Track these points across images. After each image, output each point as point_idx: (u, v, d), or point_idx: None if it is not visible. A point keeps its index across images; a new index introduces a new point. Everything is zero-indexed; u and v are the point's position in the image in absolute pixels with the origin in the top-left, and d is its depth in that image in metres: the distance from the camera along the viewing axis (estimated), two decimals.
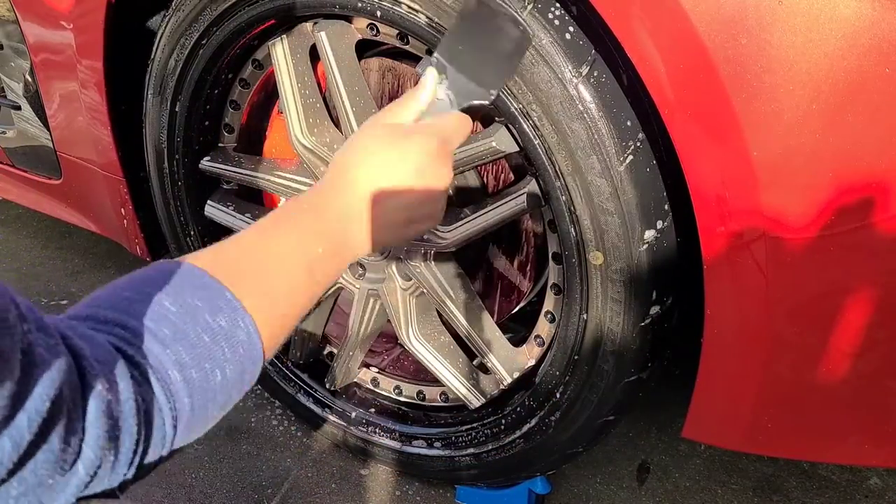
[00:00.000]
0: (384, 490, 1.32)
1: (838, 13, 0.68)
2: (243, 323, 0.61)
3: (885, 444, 0.89)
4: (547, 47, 0.83)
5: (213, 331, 0.59)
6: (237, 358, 0.60)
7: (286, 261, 0.69)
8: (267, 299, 0.65)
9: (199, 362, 0.58)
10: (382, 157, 0.77)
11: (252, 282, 0.65)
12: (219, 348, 0.59)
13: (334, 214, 0.75)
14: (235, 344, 0.60)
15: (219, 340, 0.59)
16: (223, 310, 0.60)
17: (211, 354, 0.58)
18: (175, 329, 0.57)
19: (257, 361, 0.63)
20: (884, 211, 0.73)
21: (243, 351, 0.61)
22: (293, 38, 1.06)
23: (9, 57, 1.39)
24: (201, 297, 0.60)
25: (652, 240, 0.88)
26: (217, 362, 0.59)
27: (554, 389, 1.05)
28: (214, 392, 0.59)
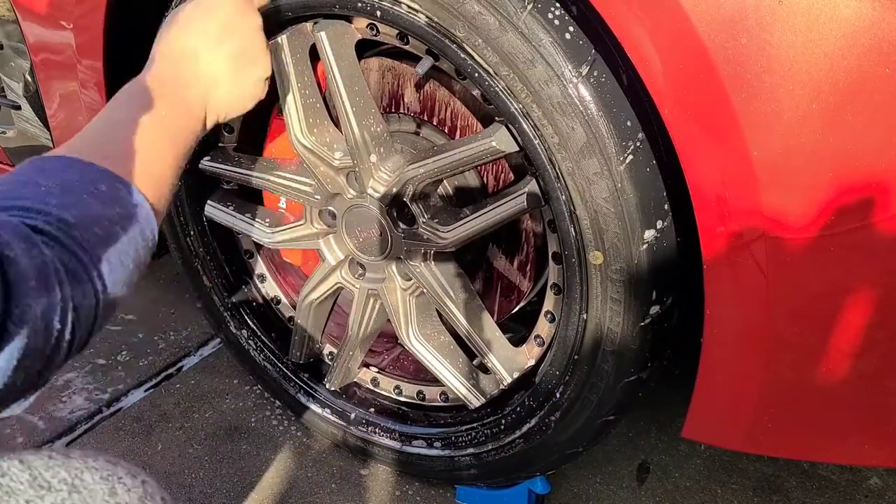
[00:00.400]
0: (384, 490, 1.32)
1: (838, 13, 0.68)
2: (122, 186, 0.70)
3: (885, 444, 0.89)
4: (547, 47, 0.83)
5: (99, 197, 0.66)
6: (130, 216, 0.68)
7: (139, 129, 0.77)
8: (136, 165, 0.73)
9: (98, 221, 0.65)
10: (190, 14, 0.88)
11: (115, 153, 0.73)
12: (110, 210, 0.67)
13: (165, 79, 0.84)
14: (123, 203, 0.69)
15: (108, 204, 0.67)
16: (99, 180, 0.68)
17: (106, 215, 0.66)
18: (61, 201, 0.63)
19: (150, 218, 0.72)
20: (884, 211, 0.73)
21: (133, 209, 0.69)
22: (293, 38, 1.06)
23: (9, 57, 1.39)
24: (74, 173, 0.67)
25: (652, 240, 0.88)
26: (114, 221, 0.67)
27: (554, 389, 1.05)
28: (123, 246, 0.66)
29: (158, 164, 0.77)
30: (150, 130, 0.78)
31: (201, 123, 0.87)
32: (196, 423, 1.45)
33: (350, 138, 1.06)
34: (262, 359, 1.39)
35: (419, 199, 1.07)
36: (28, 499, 0.52)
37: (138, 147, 0.75)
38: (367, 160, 1.07)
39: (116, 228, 0.66)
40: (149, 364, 1.61)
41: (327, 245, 1.22)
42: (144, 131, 0.77)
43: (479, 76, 0.89)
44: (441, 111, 1.10)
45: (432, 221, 1.06)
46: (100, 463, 0.58)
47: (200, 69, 0.87)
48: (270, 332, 1.39)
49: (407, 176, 1.04)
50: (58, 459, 0.56)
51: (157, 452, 1.38)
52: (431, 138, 1.12)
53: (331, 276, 1.23)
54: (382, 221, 1.11)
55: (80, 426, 1.44)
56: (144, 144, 0.76)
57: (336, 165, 1.11)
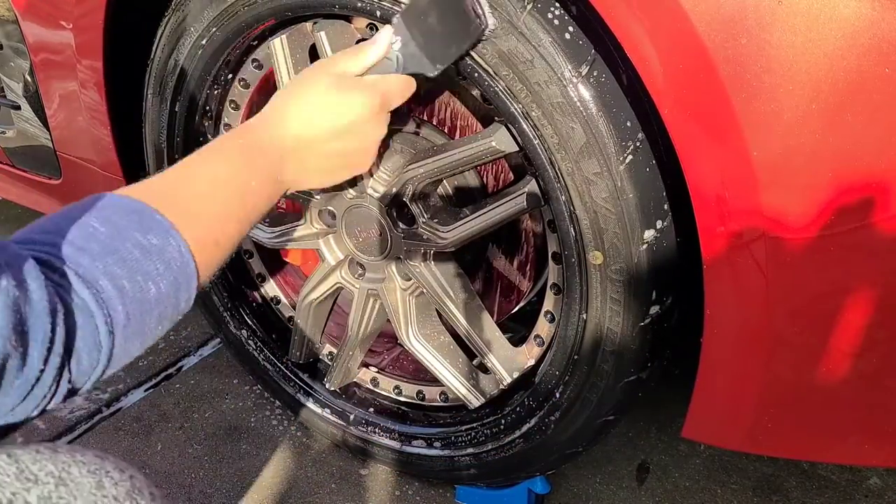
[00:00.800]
0: (384, 490, 1.32)
1: (838, 13, 0.68)
2: (174, 241, 0.65)
3: (885, 444, 0.89)
4: (546, 47, 0.83)
5: (144, 247, 0.63)
6: (170, 273, 0.64)
7: (218, 187, 0.73)
8: (198, 222, 0.69)
9: (131, 274, 0.61)
10: (325, 101, 0.82)
11: (183, 205, 0.69)
12: (151, 263, 0.63)
13: (268, 147, 0.80)
14: (168, 260, 0.64)
15: (150, 256, 0.63)
16: (153, 229, 0.64)
17: (143, 268, 0.62)
18: (104, 245, 0.61)
19: (191, 279, 0.67)
20: (884, 211, 0.73)
21: (176, 267, 0.65)
22: (293, 38, 1.06)
23: (9, 57, 1.39)
24: (130, 219, 0.64)
25: (652, 240, 0.88)
26: (150, 276, 0.62)
27: (554, 389, 1.05)
28: (150, 304, 0.63)
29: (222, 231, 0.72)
30: (231, 195, 0.74)
31: (279, 199, 0.83)
32: (196, 423, 1.45)
33: None
34: (262, 359, 1.39)
35: (419, 199, 1.07)
36: (14, 491, 0.52)
37: (211, 208, 0.71)
38: None
39: (149, 284, 0.62)
40: (148, 364, 1.61)
41: (327, 245, 1.22)
42: (225, 193, 0.73)
43: (479, 76, 0.89)
44: (441, 111, 1.10)
45: (432, 221, 1.06)
46: (87, 457, 0.58)
47: (307, 157, 0.82)
48: (270, 332, 1.39)
49: (407, 176, 1.04)
50: (45, 453, 0.56)
51: (157, 452, 1.38)
52: (431, 138, 1.12)
53: (330, 276, 1.23)
54: (382, 221, 1.11)
55: (80, 426, 1.44)
56: (219, 208, 0.72)
57: None
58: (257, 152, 0.79)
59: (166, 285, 0.64)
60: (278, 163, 0.80)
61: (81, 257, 0.59)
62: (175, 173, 0.73)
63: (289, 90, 0.84)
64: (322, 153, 0.83)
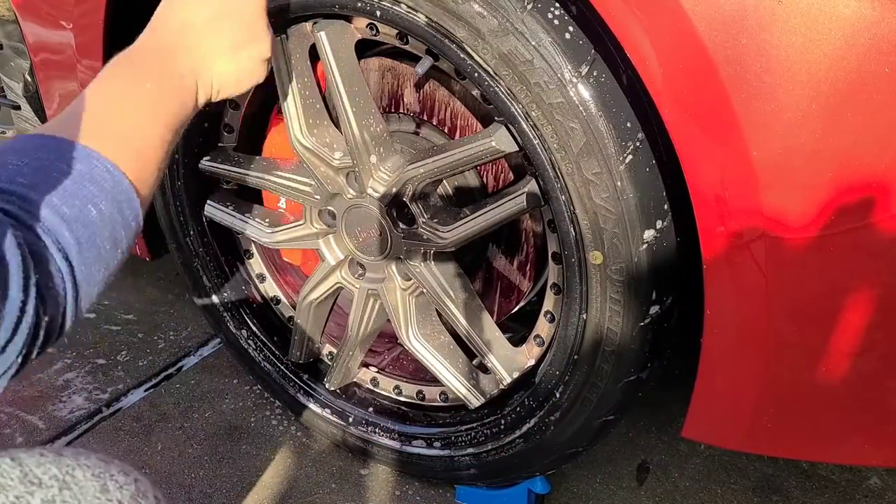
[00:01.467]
0: (384, 490, 1.32)
1: (838, 13, 0.68)
2: (98, 163, 0.65)
3: (885, 444, 0.89)
4: (546, 47, 0.83)
5: (72, 174, 0.63)
6: (106, 193, 0.65)
7: (117, 101, 0.74)
8: (111, 139, 0.69)
9: (67, 200, 0.61)
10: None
11: (91, 128, 0.69)
12: (83, 187, 0.63)
13: (154, 44, 0.80)
14: (99, 181, 0.64)
15: (81, 181, 0.63)
16: (75, 157, 0.64)
17: (77, 193, 0.62)
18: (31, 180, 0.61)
19: (129, 195, 0.67)
20: (884, 211, 0.73)
21: (110, 186, 0.65)
22: (293, 38, 1.06)
23: (9, 57, 1.39)
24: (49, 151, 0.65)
25: (651, 240, 0.88)
26: (87, 199, 0.63)
27: (554, 389, 1.05)
28: (95, 225, 0.63)
29: (140, 139, 0.72)
30: (132, 104, 0.74)
31: (192, 99, 0.81)
32: (196, 423, 1.45)
33: (350, 138, 1.06)
34: (262, 359, 1.39)
35: (419, 199, 1.07)
36: (18, 494, 0.52)
37: (119, 122, 0.72)
38: (367, 160, 1.07)
39: (89, 207, 0.63)
40: (148, 364, 1.61)
41: (327, 245, 1.22)
42: (126, 104, 0.74)
43: (479, 76, 0.89)
44: (441, 111, 1.10)
45: (432, 221, 1.06)
46: (92, 461, 0.58)
47: (195, 41, 0.82)
48: (270, 333, 1.39)
49: (407, 176, 1.04)
50: (49, 457, 0.56)
51: (157, 452, 1.38)
52: (431, 138, 1.12)
53: (330, 276, 1.23)
54: (382, 221, 1.10)
55: (80, 426, 1.44)
56: (126, 119, 0.73)
57: (336, 165, 1.11)
58: (146, 53, 0.80)
59: (107, 205, 0.65)
60: (170, 55, 0.80)
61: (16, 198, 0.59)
62: (73, 104, 0.74)
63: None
64: (208, 35, 0.82)
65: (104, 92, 0.75)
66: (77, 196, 0.62)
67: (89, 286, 0.64)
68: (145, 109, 0.75)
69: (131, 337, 1.69)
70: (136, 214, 0.69)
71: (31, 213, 0.59)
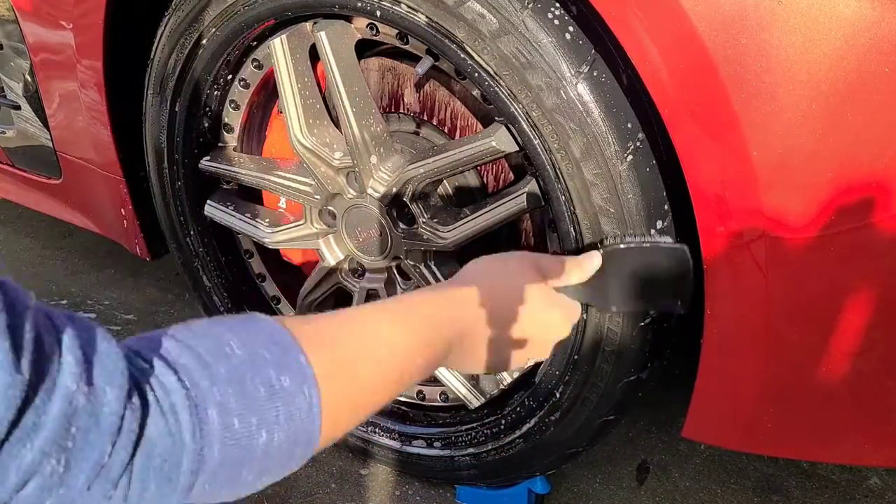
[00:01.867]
0: (384, 490, 1.32)
1: (838, 13, 0.68)
2: (308, 392, 0.55)
3: (885, 444, 0.89)
4: (546, 47, 0.83)
5: (273, 387, 0.53)
6: (290, 426, 0.54)
7: (381, 351, 0.64)
8: (344, 380, 0.60)
9: (245, 414, 0.52)
10: (529, 305, 0.77)
11: (334, 356, 0.60)
12: (273, 407, 0.53)
13: (450, 324, 0.71)
14: (292, 410, 0.54)
15: (275, 399, 0.53)
16: (291, 370, 0.55)
17: (262, 410, 0.53)
18: (232, 371, 0.52)
19: (311, 439, 0.57)
20: (884, 211, 0.73)
21: (299, 422, 0.55)
22: (293, 38, 1.06)
23: (9, 57, 1.39)
24: (272, 351, 0.55)
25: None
26: (266, 422, 0.53)
27: (554, 389, 1.05)
28: (254, 453, 0.53)
29: (366, 398, 0.63)
30: (391, 364, 0.64)
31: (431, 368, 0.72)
32: None
33: (350, 138, 1.06)
34: None
35: (419, 199, 1.07)
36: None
37: (364, 372, 0.62)
38: (367, 160, 1.06)
39: (262, 432, 0.52)
40: None
41: (327, 245, 1.22)
42: (385, 360, 0.64)
43: (479, 76, 0.89)
44: (441, 111, 1.10)
45: (432, 221, 1.06)
46: None
47: (481, 346, 0.74)
48: None
49: (407, 176, 1.04)
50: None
51: None
52: (431, 138, 1.12)
53: (330, 276, 1.23)
54: (382, 221, 1.10)
55: None
56: (372, 373, 0.63)
57: (336, 165, 1.11)
58: (440, 328, 0.70)
59: (280, 439, 0.54)
60: (452, 343, 0.71)
61: (202, 378, 0.51)
62: (344, 317, 0.64)
63: (490, 270, 0.78)
64: (499, 350, 0.76)
65: (382, 330, 0.66)
66: (259, 413, 0.52)
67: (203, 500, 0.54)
68: (396, 375, 0.65)
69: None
70: (303, 459, 0.59)
71: (201, 406, 0.50)
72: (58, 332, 0.45)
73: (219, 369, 0.52)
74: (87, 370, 0.45)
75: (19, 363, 0.41)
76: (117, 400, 0.46)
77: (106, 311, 1.77)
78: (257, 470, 0.55)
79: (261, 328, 0.57)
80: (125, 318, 1.74)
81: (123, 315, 1.75)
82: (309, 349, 0.57)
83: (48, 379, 0.43)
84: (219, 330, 0.55)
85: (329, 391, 0.57)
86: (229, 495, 0.55)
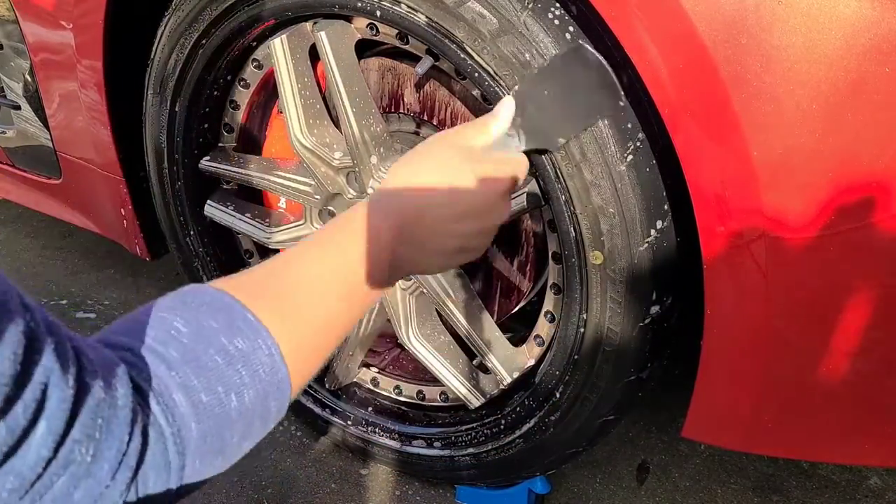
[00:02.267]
0: (384, 490, 1.32)
1: (838, 13, 0.68)
2: (265, 344, 0.56)
3: (885, 444, 0.89)
4: (547, 47, 0.83)
5: (229, 353, 0.55)
6: (257, 382, 0.56)
7: (318, 284, 0.63)
8: (294, 323, 0.60)
9: (210, 385, 0.53)
10: (453, 175, 0.71)
11: (278, 303, 0.60)
12: (234, 371, 0.54)
13: (382, 222, 0.68)
14: (255, 366, 0.55)
15: (234, 363, 0.55)
16: (242, 331, 0.56)
17: (225, 377, 0.54)
18: (185, 350, 0.54)
19: (283, 387, 0.58)
20: (884, 211, 0.73)
21: (264, 374, 0.56)
22: (293, 38, 1.06)
23: (9, 57, 1.39)
24: (218, 319, 0.56)
25: (652, 240, 0.88)
26: (232, 386, 0.54)
27: (554, 389, 1.05)
28: (230, 418, 0.54)
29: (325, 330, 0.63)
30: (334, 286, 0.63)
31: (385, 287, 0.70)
32: None
33: (350, 138, 1.06)
34: None
35: None
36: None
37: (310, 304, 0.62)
38: (367, 160, 1.06)
39: (231, 396, 0.54)
40: None
41: None
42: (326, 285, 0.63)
43: (479, 76, 0.89)
44: (441, 111, 1.10)
45: None
46: None
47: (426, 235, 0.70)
48: None
49: None
50: None
51: None
52: None
53: None
54: None
55: None
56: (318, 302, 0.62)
57: (336, 165, 1.11)
58: (369, 230, 0.67)
59: (252, 396, 0.55)
60: (393, 240, 0.68)
61: (158, 366, 0.52)
62: (275, 263, 0.64)
63: (408, 158, 0.73)
64: (444, 232, 0.71)
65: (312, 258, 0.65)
66: (223, 381, 0.54)
67: (196, 479, 0.55)
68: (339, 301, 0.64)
69: None
70: (281, 408, 0.59)
71: (165, 393, 0.52)
72: (71, 339, 0.48)
73: (171, 353, 0.53)
74: (97, 369, 0.48)
75: (67, 378, 0.45)
76: (126, 395, 0.49)
77: (106, 311, 1.77)
78: (240, 432, 0.56)
79: (200, 300, 0.57)
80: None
81: (123, 315, 1.75)
82: (252, 305, 0.57)
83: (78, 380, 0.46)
84: (161, 315, 0.56)
85: (284, 338, 0.58)
86: (223, 464, 0.57)
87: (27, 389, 0.42)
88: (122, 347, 0.53)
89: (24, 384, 0.42)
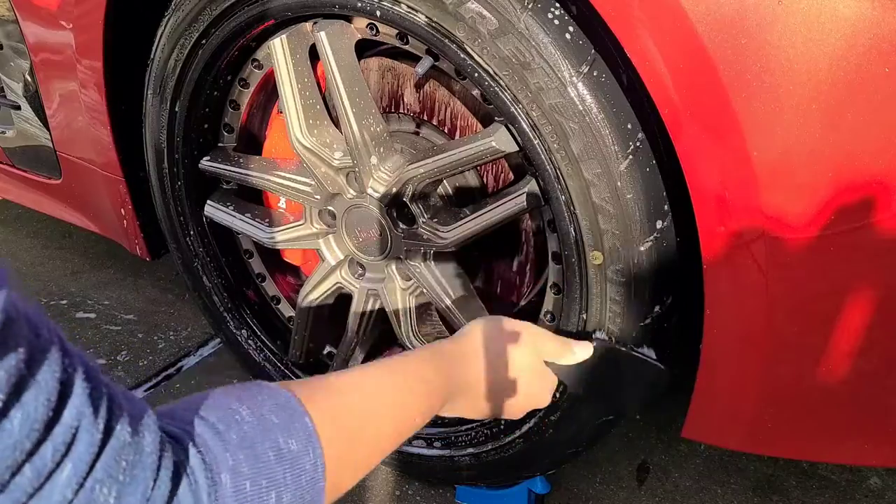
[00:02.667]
0: (384, 490, 1.32)
1: (838, 13, 0.68)
2: (313, 453, 0.59)
3: (885, 444, 0.89)
4: (546, 47, 0.83)
5: (281, 451, 0.58)
6: (296, 488, 0.58)
7: (383, 413, 0.69)
8: (346, 441, 0.64)
9: (255, 477, 0.56)
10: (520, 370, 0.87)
11: (338, 419, 0.64)
12: (280, 469, 0.57)
13: (447, 385, 0.78)
14: (299, 471, 0.58)
15: (283, 462, 0.57)
16: (297, 433, 0.59)
17: (271, 473, 0.57)
18: (243, 437, 0.56)
19: (315, 499, 0.60)
20: (884, 211, 0.73)
21: (305, 482, 0.59)
22: (293, 38, 1.06)
23: (9, 57, 1.39)
24: (279, 416, 0.59)
25: (652, 240, 0.88)
26: (275, 483, 0.57)
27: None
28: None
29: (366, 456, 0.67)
30: (389, 422, 0.69)
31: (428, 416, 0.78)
32: None
33: (350, 138, 1.06)
34: (262, 359, 1.39)
35: (419, 199, 1.07)
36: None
37: (365, 431, 0.66)
38: (367, 160, 1.07)
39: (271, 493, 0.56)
40: (148, 364, 1.61)
41: (327, 245, 1.22)
42: (384, 418, 0.69)
43: (479, 76, 0.89)
44: (441, 111, 1.10)
45: (432, 221, 1.06)
46: None
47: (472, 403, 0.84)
48: (270, 333, 1.39)
49: (407, 176, 1.04)
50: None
51: None
52: (431, 138, 1.12)
53: (330, 276, 1.23)
54: (382, 221, 1.10)
55: None
56: (372, 432, 0.67)
57: (336, 165, 1.11)
58: (436, 387, 0.77)
59: (288, 498, 0.58)
60: (448, 400, 0.79)
61: (216, 443, 0.55)
62: (347, 380, 0.69)
63: (491, 335, 0.87)
64: (487, 405, 0.86)
65: (381, 387, 0.71)
66: (268, 476, 0.56)
67: None
68: (394, 433, 0.71)
69: (131, 337, 1.69)
70: None
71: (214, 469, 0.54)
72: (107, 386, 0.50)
73: (231, 436, 0.56)
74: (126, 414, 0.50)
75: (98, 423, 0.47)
76: (154, 442, 0.50)
77: (106, 311, 1.77)
78: None
79: (267, 394, 0.61)
80: (125, 318, 1.74)
81: (123, 315, 1.76)
82: (313, 412, 0.61)
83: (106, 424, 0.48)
84: (227, 400, 0.59)
85: (332, 452, 0.61)
86: None
87: (57, 433, 0.44)
88: (183, 420, 0.56)
89: (54, 427, 0.44)
